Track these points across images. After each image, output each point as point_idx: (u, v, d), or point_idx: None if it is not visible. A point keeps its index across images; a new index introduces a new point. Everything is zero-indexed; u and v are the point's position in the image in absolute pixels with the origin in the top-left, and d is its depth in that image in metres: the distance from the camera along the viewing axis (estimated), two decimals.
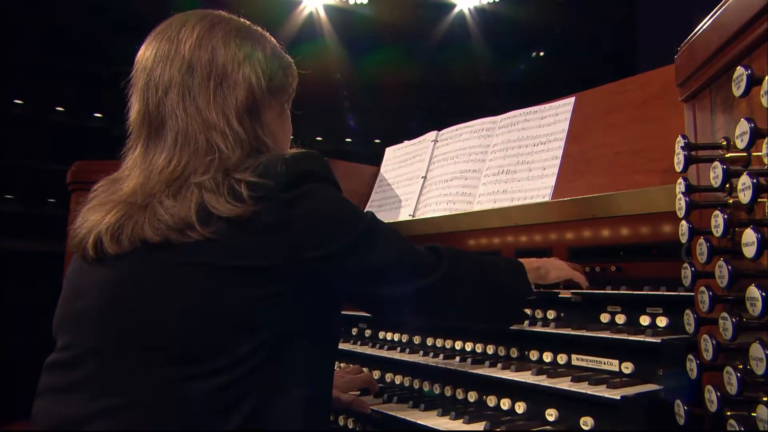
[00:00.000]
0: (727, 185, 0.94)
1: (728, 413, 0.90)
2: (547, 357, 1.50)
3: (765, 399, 0.83)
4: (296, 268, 1.06)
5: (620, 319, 1.47)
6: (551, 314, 1.64)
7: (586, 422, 1.25)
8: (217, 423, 1.00)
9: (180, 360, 1.00)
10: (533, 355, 1.53)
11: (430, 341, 1.85)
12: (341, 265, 1.11)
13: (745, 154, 0.91)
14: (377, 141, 9.53)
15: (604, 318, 1.50)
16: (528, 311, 1.64)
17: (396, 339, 1.97)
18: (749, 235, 0.83)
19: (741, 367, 0.88)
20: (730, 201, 0.95)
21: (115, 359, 1.02)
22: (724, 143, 0.98)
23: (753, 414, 0.83)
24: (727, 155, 0.96)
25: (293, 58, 1.32)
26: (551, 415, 1.33)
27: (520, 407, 1.39)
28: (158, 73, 1.15)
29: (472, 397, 1.52)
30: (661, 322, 1.38)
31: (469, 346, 1.70)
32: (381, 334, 2.04)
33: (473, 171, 2.09)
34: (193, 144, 1.11)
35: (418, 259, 1.24)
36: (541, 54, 9.95)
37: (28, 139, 8.13)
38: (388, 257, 1.17)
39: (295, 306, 1.08)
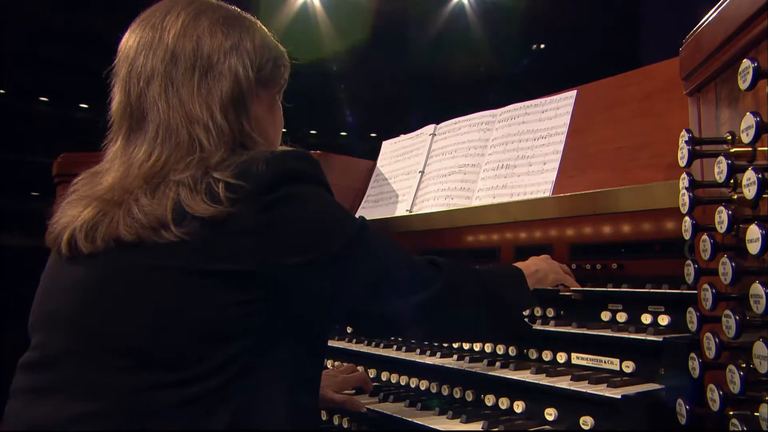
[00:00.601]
0: (732, 180, 0.93)
1: (731, 412, 0.90)
2: (547, 356, 1.48)
3: None
4: (277, 275, 1.01)
5: (621, 317, 1.45)
6: (551, 312, 1.62)
7: (586, 422, 1.24)
8: (199, 428, 0.97)
9: (156, 366, 0.97)
10: (532, 353, 1.52)
11: None
12: (327, 273, 1.05)
13: (750, 148, 0.90)
14: (373, 135, 9.47)
15: (605, 316, 1.48)
16: (526, 311, 1.62)
17: None
18: (754, 232, 0.83)
19: (744, 365, 0.87)
20: (735, 197, 0.94)
21: (88, 362, 0.99)
22: (729, 138, 0.96)
23: (756, 413, 0.83)
24: (732, 150, 0.95)
25: (286, 47, 1.28)
26: (550, 414, 1.32)
27: (519, 406, 1.38)
28: (140, 63, 1.11)
29: (470, 396, 1.51)
30: (663, 320, 1.37)
31: (466, 345, 1.68)
32: None
33: (472, 165, 2.06)
34: (174, 137, 1.07)
35: (415, 272, 1.16)
36: (542, 46, 9.90)
37: (10, 130, 7.97)
38: (380, 267, 1.10)
39: (279, 312, 1.03)
